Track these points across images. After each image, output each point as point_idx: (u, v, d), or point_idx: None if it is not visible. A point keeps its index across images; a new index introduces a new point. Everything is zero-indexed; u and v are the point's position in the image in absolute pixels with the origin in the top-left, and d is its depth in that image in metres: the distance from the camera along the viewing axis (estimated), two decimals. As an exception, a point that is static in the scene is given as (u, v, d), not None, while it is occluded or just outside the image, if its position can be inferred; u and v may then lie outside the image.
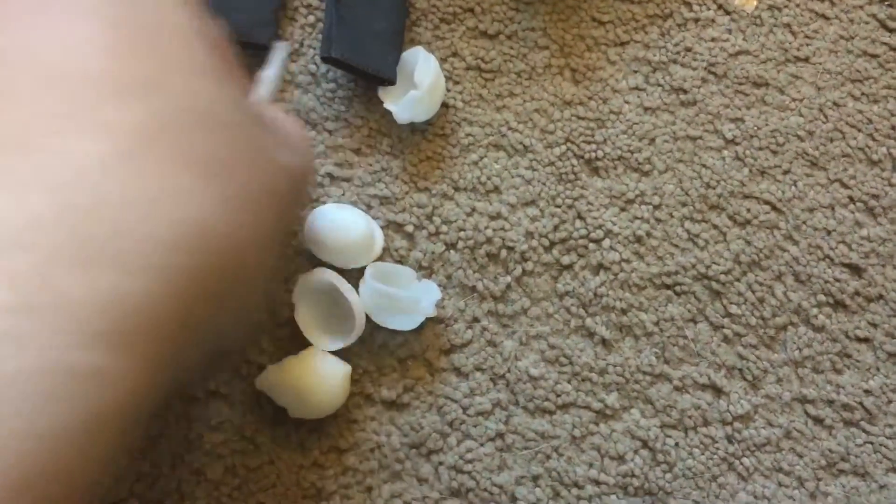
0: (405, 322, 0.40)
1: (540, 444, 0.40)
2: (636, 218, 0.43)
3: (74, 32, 0.20)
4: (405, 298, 0.39)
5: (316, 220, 0.40)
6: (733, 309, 0.43)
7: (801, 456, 0.41)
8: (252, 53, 0.44)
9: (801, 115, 0.46)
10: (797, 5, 0.48)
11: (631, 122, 0.45)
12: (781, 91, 0.46)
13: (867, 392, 0.42)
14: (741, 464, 0.41)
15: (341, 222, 0.40)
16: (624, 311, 0.42)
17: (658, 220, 0.43)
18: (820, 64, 0.47)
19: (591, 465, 0.40)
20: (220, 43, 0.24)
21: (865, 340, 0.43)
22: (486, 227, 0.43)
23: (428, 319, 0.41)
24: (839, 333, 0.43)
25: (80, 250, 0.17)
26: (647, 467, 0.40)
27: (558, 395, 0.41)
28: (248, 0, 0.44)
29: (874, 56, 0.47)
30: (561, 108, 0.45)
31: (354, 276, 0.40)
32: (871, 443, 0.42)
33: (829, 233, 0.44)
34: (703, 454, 0.41)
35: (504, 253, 0.42)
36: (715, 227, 0.44)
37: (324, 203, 0.42)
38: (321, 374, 0.38)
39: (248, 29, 0.44)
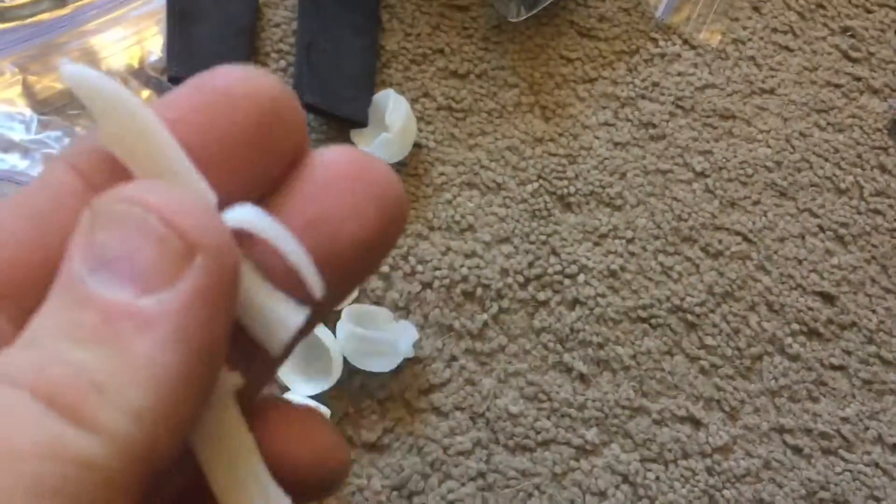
0: (383, 364, 0.40)
1: (521, 481, 0.40)
2: (610, 252, 0.44)
3: None
4: (383, 341, 0.39)
5: (291, 265, 0.40)
6: (709, 340, 0.43)
7: (781, 486, 0.41)
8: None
9: (768, 147, 0.47)
10: (761, 38, 0.49)
11: (602, 157, 0.45)
12: (748, 123, 0.47)
13: (844, 420, 0.42)
14: (722, 496, 0.41)
15: (316, 266, 0.40)
16: (601, 346, 0.42)
17: (631, 254, 0.44)
18: (785, 95, 0.48)
19: (572, 502, 0.40)
20: None
21: (840, 368, 0.43)
22: (462, 266, 0.43)
23: (406, 359, 0.41)
24: (814, 362, 0.43)
25: None
26: (629, 503, 0.40)
27: (538, 432, 0.41)
28: (217, 44, 0.45)
29: (838, 86, 0.48)
30: (532, 145, 0.45)
31: (331, 318, 0.40)
32: (850, 471, 0.42)
33: (800, 262, 0.45)
34: (683, 487, 0.41)
35: (480, 291, 0.42)
36: (688, 259, 0.44)
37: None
38: (299, 420, 0.38)
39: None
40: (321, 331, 0.39)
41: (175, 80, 0.44)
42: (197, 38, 0.44)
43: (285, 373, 0.39)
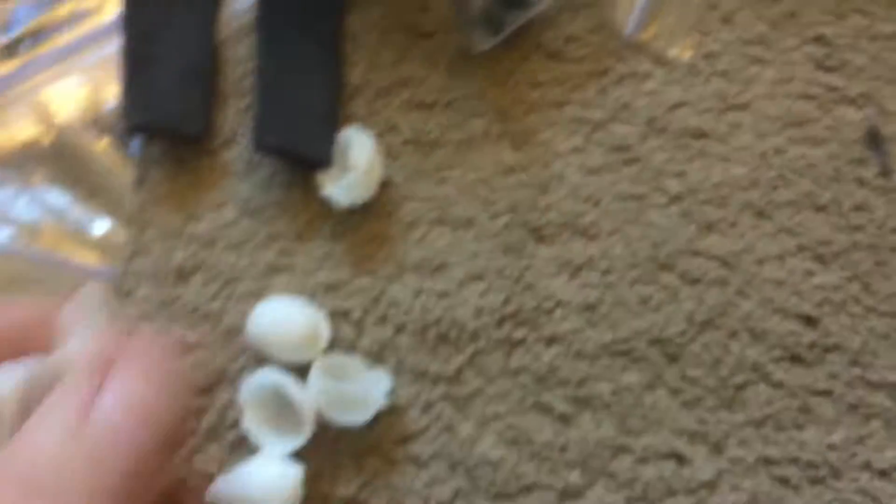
0: (357, 416, 0.39)
1: (504, 529, 0.39)
2: (586, 285, 0.43)
3: None
4: (355, 393, 0.38)
5: (257, 318, 0.39)
6: (690, 372, 0.42)
7: (768, 519, 0.41)
8: (184, 145, 0.43)
9: (743, 165, 0.45)
10: (732, 52, 0.48)
11: (574, 184, 0.44)
12: (722, 141, 0.46)
13: (831, 447, 0.42)
14: (709, 533, 0.40)
15: (283, 318, 0.39)
16: (580, 383, 0.41)
17: (608, 286, 0.43)
18: (759, 110, 0.47)
19: (557, 548, 0.39)
20: None
21: (825, 393, 0.42)
22: (435, 307, 0.42)
23: (382, 408, 0.40)
24: (798, 388, 0.42)
25: None
26: (615, 546, 0.40)
27: (519, 478, 0.40)
28: (175, 88, 0.43)
29: (812, 98, 0.47)
30: (503, 176, 0.44)
31: (303, 370, 0.39)
32: (839, 499, 0.41)
33: (780, 284, 0.44)
34: (670, 526, 0.40)
35: (454, 333, 0.42)
36: (666, 287, 0.43)
37: (266, 297, 0.41)
38: (272, 482, 0.37)
39: (178, 120, 0.43)
40: (291, 388, 0.38)
41: (132, 129, 0.42)
42: (154, 83, 0.43)
43: (255, 432, 0.38)
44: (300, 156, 0.42)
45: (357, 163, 0.41)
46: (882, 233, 0.45)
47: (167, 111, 0.43)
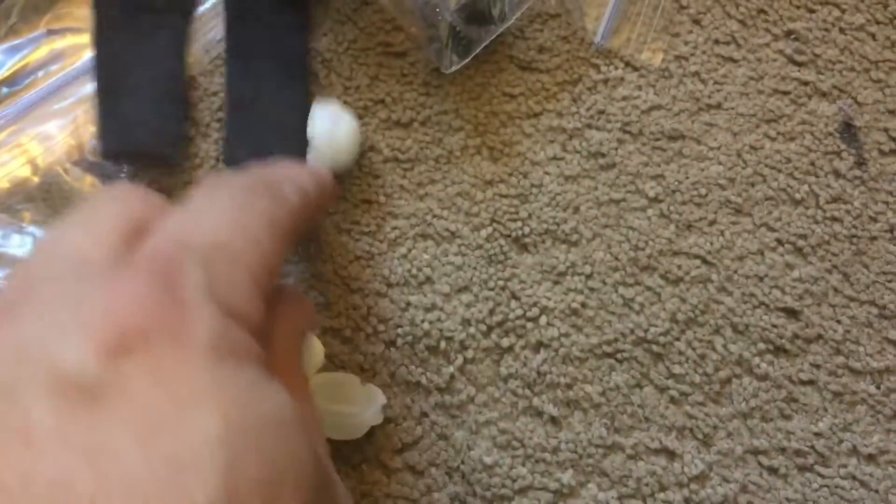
0: (352, 432, 0.40)
1: (502, 533, 0.40)
2: (570, 290, 0.44)
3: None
4: (349, 414, 0.39)
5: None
6: (676, 369, 0.43)
7: (760, 509, 0.42)
8: (168, 176, 0.44)
9: (720, 164, 0.46)
10: (703, 52, 0.48)
11: (553, 193, 0.45)
12: (698, 141, 0.47)
13: (817, 435, 0.42)
14: (702, 526, 0.41)
15: (275, 341, 0.40)
16: (569, 386, 0.42)
17: (592, 290, 0.44)
18: (733, 108, 0.47)
19: (554, 549, 0.40)
20: None
21: (810, 383, 0.43)
22: (423, 321, 0.43)
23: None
24: (783, 379, 0.43)
25: None
26: (610, 544, 0.40)
27: (514, 481, 0.41)
28: (147, 114, 0.44)
29: (785, 93, 0.48)
30: (482, 188, 0.45)
31: (297, 389, 0.40)
32: (828, 486, 0.42)
33: (761, 279, 0.45)
34: (663, 522, 0.41)
35: (443, 344, 0.42)
36: (648, 288, 0.44)
37: (258, 320, 0.42)
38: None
39: (153, 145, 0.44)
40: (286, 407, 0.39)
41: (108, 155, 0.43)
42: (127, 110, 0.44)
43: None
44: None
45: (312, 135, 0.42)
46: (860, 223, 0.46)
47: (141, 136, 0.44)
